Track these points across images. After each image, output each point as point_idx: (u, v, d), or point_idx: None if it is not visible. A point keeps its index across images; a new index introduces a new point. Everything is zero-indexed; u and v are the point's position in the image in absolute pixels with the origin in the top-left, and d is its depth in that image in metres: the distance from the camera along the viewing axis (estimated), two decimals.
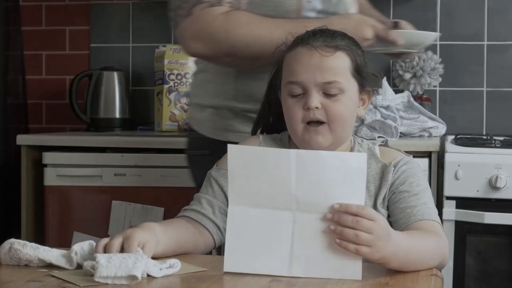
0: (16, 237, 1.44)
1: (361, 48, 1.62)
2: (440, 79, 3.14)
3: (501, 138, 2.79)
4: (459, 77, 3.20)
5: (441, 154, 2.57)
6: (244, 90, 1.91)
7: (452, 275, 2.50)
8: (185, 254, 1.51)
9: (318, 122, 1.55)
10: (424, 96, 3.11)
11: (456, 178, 2.49)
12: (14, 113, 3.31)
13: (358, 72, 1.58)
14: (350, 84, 1.57)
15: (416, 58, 3.07)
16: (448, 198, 2.52)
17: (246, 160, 1.36)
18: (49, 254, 1.39)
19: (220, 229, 1.57)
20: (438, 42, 3.18)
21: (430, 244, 1.44)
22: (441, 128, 2.89)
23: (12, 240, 1.42)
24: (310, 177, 1.33)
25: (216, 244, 1.59)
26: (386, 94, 2.84)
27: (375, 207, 1.56)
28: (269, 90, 1.70)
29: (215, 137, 1.95)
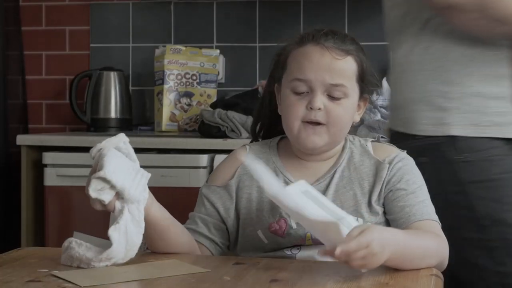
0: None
1: (366, 55, 1.62)
2: None
3: None
4: None
5: None
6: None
7: None
8: (185, 254, 1.51)
9: (317, 123, 1.55)
10: None
11: None
12: (14, 113, 3.31)
13: (362, 79, 1.59)
14: (354, 90, 1.58)
15: None
16: None
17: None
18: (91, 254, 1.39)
19: (218, 244, 1.61)
20: None
21: (429, 243, 1.45)
22: None
23: (71, 239, 1.42)
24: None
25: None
26: (386, 94, 2.84)
27: (370, 204, 1.57)
28: (269, 83, 1.69)
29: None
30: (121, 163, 1.38)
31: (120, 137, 1.42)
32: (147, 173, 1.42)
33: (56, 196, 2.80)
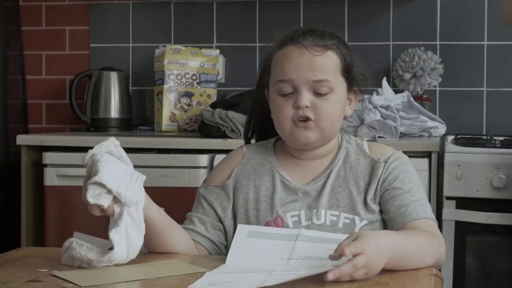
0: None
1: (349, 48, 1.63)
2: (440, 79, 3.13)
3: (501, 138, 2.79)
4: (459, 77, 3.20)
5: (441, 154, 2.57)
6: None
7: (452, 275, 2.50)
8: (183, 254, 1.51)
9: (307, 119, 1.56)
10: (424, 96, 3.11)
11: (456, 178, 2.50)
12: (14, 113, 3.31)
13: (347, 71, 1.60)
14: (339, 84, 1.59)
15: (416, 58, 3.07)
16: (448, 198, 2.52)
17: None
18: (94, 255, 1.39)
19: (216, 244, 1.62)
20: (438, 42, 3.19)
21: (424, 243, 1.45)
22: (441, 128, 2.89)
23: (72, 239, 1.42)
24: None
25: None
26: (386, 94, 2.84)
27: (365, 203, 1.58)
28: (258, 88, 1.71)
29: None
30: (115, 167, 1.38)
31: (111, 141, 1.41)
32: (142, 175, 1.42)
33: (56, 196, 2.80)
